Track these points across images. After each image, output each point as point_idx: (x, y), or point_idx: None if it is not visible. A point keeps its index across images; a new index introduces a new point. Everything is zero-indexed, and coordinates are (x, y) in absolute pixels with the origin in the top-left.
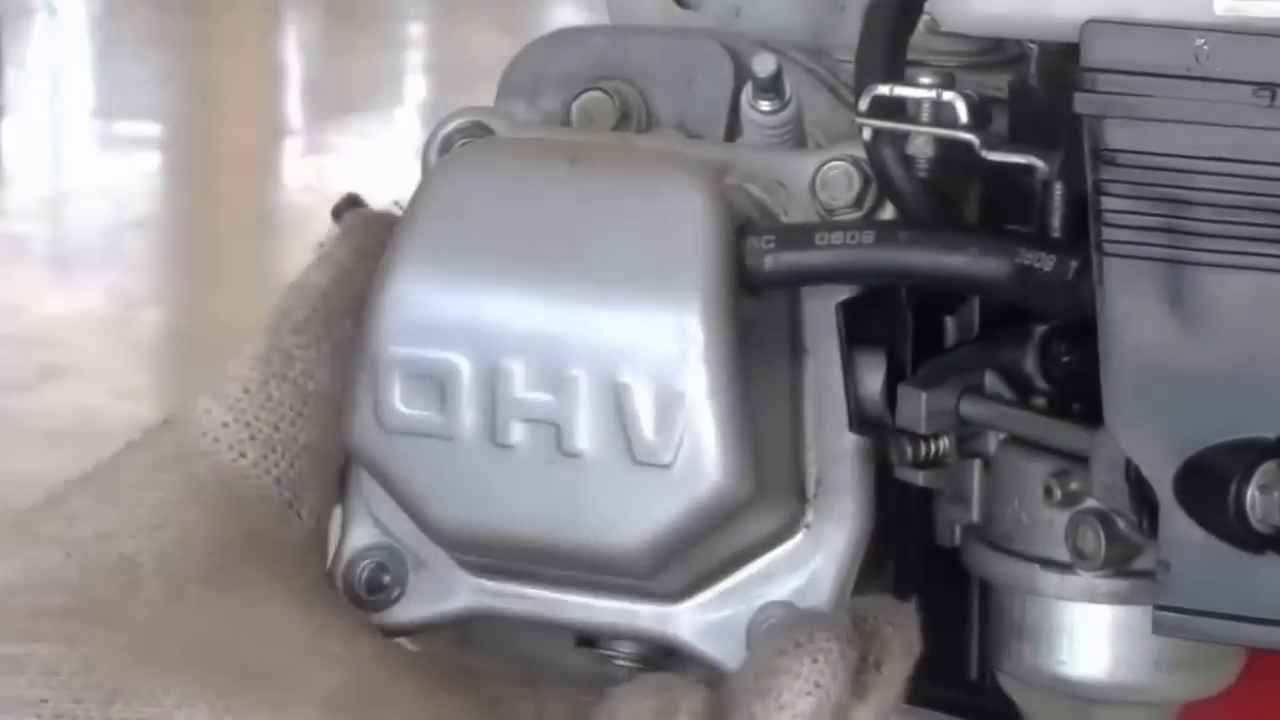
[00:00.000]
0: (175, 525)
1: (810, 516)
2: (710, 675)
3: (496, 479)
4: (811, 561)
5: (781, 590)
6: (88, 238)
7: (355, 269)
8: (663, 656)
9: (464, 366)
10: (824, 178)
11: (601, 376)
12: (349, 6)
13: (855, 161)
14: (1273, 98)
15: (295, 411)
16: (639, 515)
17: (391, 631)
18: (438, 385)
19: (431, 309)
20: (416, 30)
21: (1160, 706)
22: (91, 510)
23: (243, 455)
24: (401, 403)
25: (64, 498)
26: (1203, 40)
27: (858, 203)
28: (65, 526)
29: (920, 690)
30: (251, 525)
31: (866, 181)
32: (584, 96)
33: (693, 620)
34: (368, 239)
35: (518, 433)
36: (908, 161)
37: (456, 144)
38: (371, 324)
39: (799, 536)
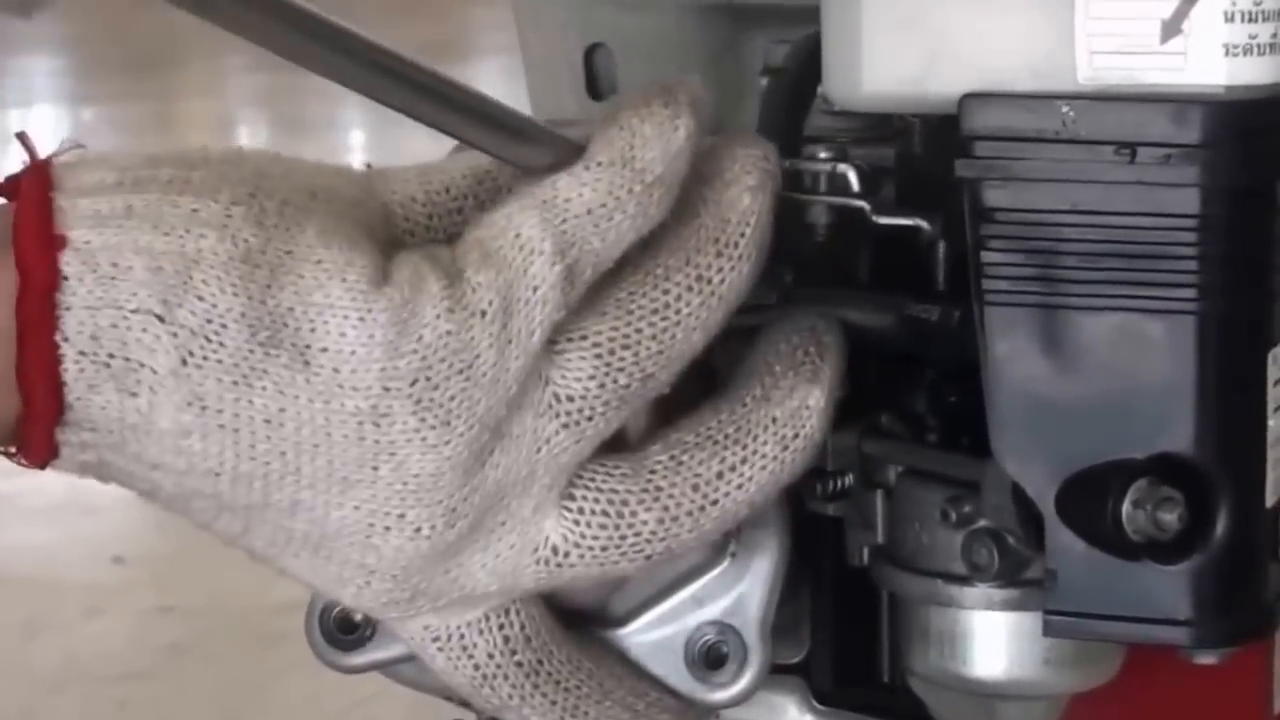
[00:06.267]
0: (333, 202)
1: (734, 546)
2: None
3: None
4: (738, 585)
5: (713, 611)
6: None
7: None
8: None
9: None
10: None
11: None
12: (296, 119)
13: None
14: (1132, 155)
15: None
16: None
17: (365, 668)
18: None
19: None
20: (358, 137)
21: (1051, 699)
22: (259, 160)
23: (410, 234)
24: None
25: (241, 150)
26: (1068, 107)
27: None
28: (233, 155)
29: (837, 694)
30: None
31: None
32: None
33: (637, 640)
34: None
35: None
36: (806, 229)
37: None
38: None
39: (725, 563)
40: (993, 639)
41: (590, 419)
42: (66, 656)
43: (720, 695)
